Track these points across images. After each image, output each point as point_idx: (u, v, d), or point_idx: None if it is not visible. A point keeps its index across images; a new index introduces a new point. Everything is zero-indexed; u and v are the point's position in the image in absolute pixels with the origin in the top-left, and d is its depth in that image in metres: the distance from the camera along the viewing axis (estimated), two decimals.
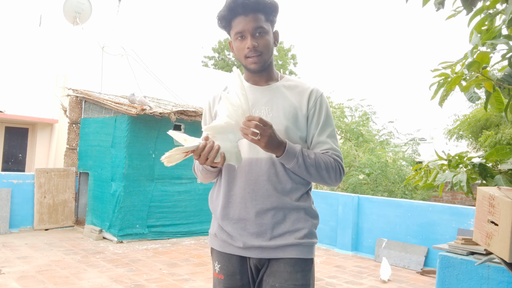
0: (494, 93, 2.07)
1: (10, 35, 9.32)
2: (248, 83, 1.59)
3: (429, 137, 18.88)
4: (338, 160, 1.52)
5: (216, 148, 1.34)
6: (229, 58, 26.61)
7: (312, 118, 1.53)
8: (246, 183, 1.48)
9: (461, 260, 2.51)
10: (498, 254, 1.74)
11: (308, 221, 1.51)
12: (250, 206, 1.48)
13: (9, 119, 9.26)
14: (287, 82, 1.59)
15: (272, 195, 1.47)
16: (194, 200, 6.92)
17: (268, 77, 1.59)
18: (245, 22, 1.47)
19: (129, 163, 6.18)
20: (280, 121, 1.49)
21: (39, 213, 6.71)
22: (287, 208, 1.48)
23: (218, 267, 1.58)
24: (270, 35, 1.52)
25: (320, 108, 1.54)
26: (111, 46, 10.25)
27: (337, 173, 1.51)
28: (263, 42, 1.49)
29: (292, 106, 1.52)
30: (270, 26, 1.52)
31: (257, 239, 1.47)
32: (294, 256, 1.47)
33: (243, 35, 1.49)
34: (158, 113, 6.09)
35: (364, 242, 6.24)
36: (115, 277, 4.44)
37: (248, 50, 1.48)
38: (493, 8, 2.06)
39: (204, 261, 5.34)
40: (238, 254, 1.53)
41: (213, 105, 1.64)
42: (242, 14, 1.47)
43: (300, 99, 1.54)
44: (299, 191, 1.51)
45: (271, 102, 1.53)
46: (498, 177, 2.21)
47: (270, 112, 1.51)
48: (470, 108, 10.92)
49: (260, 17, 1.48)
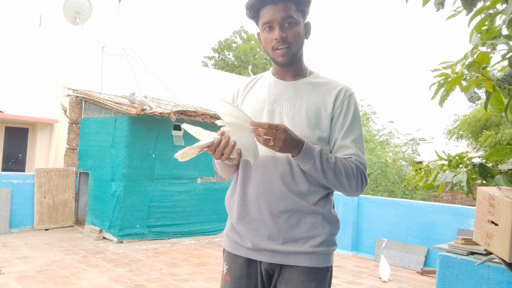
0: (494, 93, 2.07)
1: (10, 35, 9.32)
2: (274, 77, 1.52)
3: (429, 137, 18.87)
4: (361, 168, 1.39)
5: (232, 144, 1.28)
6: (229, 58, 26.61)
7: (337, 120, 1.42)
8: (260, 182, 1.41)
9: (461, 260, 2.51)
10: (498, 254, 1.74)
11: (326, 227, 1.41)
12: (263, 206, 1.40)
13: (9, 119, 9.26)
14: (316, 79, 1.49)
15: (286, 196, 1.38)
16: (194, 200, 6.92)
17: (296, 72, 1.49)
18: (273, 12, 1.38)
19: (129, 163, 6.18)
20: (301, 120, 1.40)
21: (39, 213, 6.71)
22: (302, 212, 1.39)
23: (225, 268, 1.52)
24: (301, 26, 1.42)
25: (347, 109, 1.42)
26: (111, 46, 10.25)
27: (358, 181, 1.38)
28: (293, 33, 1.39)
29: (315, 105, 1.42)
30: (301, 17, 1.42)
31: (268, 241, 1.39)
32: (308, 265, 1.38)
33: (271, 26, 1.40)
34: (158, 113, 6.09)
35: (364, 242, 6.24)
36: (115, 277, 4.44)
37: (276, 41, 1.39)
38: (493, 8, 2.06)
39: (204, 261, 5.34)
40: (247, 256, 1.45)
41: (237, 97, 1.57)
42: (271, 3, 1.38)
43: (326, 98, 1.43)
44: (317, 194, 1.40)
45: (293, 99, 1.44)
46: (498, 177, 2.21)
47: (292, 109, 1.42)
48: (470, 108, 10.93)
49: (290, 6, 1.38)
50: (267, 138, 1.24)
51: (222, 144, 1.28)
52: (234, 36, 26.90)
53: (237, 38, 26.87)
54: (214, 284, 4.38)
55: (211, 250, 6.02)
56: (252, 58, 25.30)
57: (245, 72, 22.85)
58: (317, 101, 1.43)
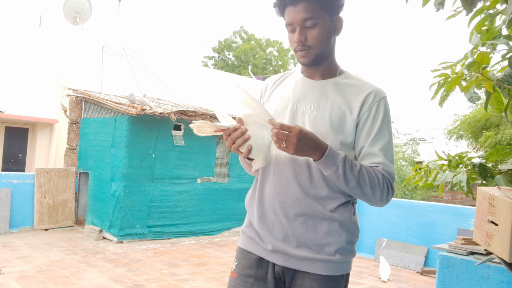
0: (494, 93, 2.08)
1: (10, 35, 9.32)
2: (302, 75, 1.45)
3: (429, 137, 18.87)
4: (388, 178, 1.30)
5: (246, 136, 1.23)
6: (229, 58, 26.61)
7: (364, 125, 1.33)
8: (277, 183, 1.36)
9: (461, 260, 2.51)
10: (498, 254, 1.74)
11: (342, 235, 1.33)
12: (278, 208, 1.35)
13: (9, 119, 9.26)
14: (345, 80, 1.40)
15: (302, 200, 1.32)
16: (194, 200, 6.92)
17: (325, 71, 1.41)
18: (294, 13, 1.32)
19: (129, 163, 6.18)
20: (323, 122, 1.33)
21: (39, 213, 6.71)
22: (318, 217, 1.32)
23: (234, 265, 1.46)
24: (325, 25, 1.33)
25: (376, 114, 1.33)
26: (111, 46, 10.25)
27: (384, 192, 1.29)
28: (313, 34, 1.32)
29: (340, 108, 1.34)
30: (326, 15, 1.32)
31: (283, 243, 1.34)
32: (321, 273, 1.33)
33: (293, 28, 1.34)
34: (158, 113, 6.09)
35: (364, 242, 6.24)
36: (115, 277, 4.44)
37: (296, 44, 1.34)
38: (493, 8, 2.06)
39: (204, 261, 5.35)
40: (260, 255, 1.40)
41: (264, 93, 1.53)
42: (291, 4, 1.32)
43: (353, 100, 1.34)
44: (337, 200, 1.33)
45: (318, 99, 1.37)
46: (498, 177, 2.21)
47: (315, 110, 1.35)
48: (470, 108, 10.93)
49: (312, 5, 1.30)
50: (280, 140, 1.19)
51: (237, 133, 1.24)
52: (234, 36, 26.91)
53: (237, 38, 26.88)
54: (214, 284, 4.38)
55: (211, 250, 6.02)
56: (252, 58, 25.30)
57: (245, 72, 22.84)
58: (342, 103, 1.35)
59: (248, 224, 1.46)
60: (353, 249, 1.38)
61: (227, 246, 6.41)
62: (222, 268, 5.07)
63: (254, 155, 1.27)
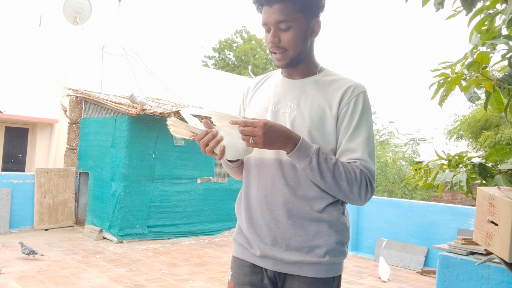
0: (494, 93, 2.08)
1: (10, 35, 9.32)
2: (282, 75, 1.43)
3: (429, 137, 18.87)
4: (366, 174, 1.26)
5: (219, 138, 1.24)
6: (229, 58, 26.61)
7: (343, 120, 1.30)
8: (263, 185, 1.34)
9: (461, 260, 2.51)
10: (498, 254, 1.74)
11: (331, 236, 1.30)
12: (266, 211, 1.32)
13: (9, 119, 9.26)
14: (325, 77, 1.37)
15: (290, 201, 1.30)
16: (194, 200, 6.92)
17: (304, 70, 1.39)
18: (268, 14, 1.29)
19: (129, 163, 6.18)
20: (303, 122, 1.31)
21: (39, 213, 6.71)
22: (306, 219, 1.30)
23: (230, 274, 1.45)
24: (300, 28, 1.29)
25: (354, 108, 1.29)
26: (111, 46, 10.25)
27: (362, 188, 1.25)
28: (288, 37, 1.29)
29: (320, 105, 1.31)
30: (302, 17, 1.29)
31: (272, 248, 1.32)
32: (311, 276, 1.30)
33: (268, 28, 1.31)
34: (158, 113, 6.09)
35: (364, 242, 6.24)
36: (115, 277, 4.44)
37: (271, 45, 1.32)
38: (493, 8, 2.06)
39: (204, 261, 5.35)
40: (252, 262, 1.38)
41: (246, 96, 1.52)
42: (266, 4, 1.30)
43: (333, 97, 1.31)
44: (324, 200, 1.30)
45: (298, 98, 1.35)
46: (498, 177, 2.21)
47: (296, 109, 1.33)
48: (470, 108, 10.92)
49: (287, 7, 1.27)
50: (246, 136, 1.19)
51: (207, 137, 1.25)
52: (235, 36, 26.93)
53: (237, 38, 26.89)
54: (214, 284, 4.38)
55: (211, 250, 6.02)
56: (253, 58, 25.31)
57: (245, 72, 22.84)
58: (322, 100, 1.32)
59: (238, 230, 1.45)
60: (344, 250, 1.35)
61: (227, 246, 6.41)
62: (222, 268, 5.07)
63: (227, 154, 1.28)
